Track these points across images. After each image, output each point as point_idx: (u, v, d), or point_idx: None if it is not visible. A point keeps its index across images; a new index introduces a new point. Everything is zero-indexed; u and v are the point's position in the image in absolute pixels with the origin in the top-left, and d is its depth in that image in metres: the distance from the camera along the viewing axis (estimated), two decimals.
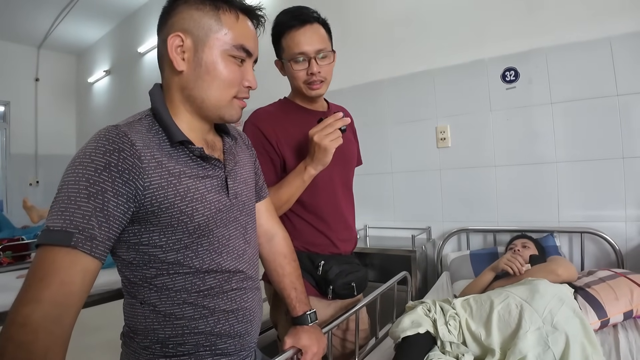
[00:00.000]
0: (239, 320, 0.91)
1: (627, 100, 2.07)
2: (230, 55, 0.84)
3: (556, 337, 1.19)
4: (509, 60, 2.38)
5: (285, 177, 1.29)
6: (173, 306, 0.84)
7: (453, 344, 1.32)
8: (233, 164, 0.95)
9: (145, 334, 0.85)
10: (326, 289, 1.36)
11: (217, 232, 0.87)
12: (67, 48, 6.13)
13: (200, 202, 0.83)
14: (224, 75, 0.84)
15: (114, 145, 0.73)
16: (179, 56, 0.82)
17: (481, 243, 2.51)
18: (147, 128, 0.81)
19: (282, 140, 1.33)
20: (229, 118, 0.90)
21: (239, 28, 0.85)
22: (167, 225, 0.79)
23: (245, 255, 0.95)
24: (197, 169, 0.84)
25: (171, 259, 0.81)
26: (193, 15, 0.82)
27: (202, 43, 0.82)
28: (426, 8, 2.70)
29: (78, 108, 6.52)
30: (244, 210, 0.97)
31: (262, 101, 1.42)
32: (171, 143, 0.82)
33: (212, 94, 0.85)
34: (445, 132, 2.60)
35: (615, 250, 2.05)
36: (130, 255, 0.81)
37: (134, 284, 0.84)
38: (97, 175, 0.70)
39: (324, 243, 1.41)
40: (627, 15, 2.06)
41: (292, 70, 1.32)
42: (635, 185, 2.07)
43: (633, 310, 1.53)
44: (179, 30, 0.82)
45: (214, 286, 0.87)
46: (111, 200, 0.71)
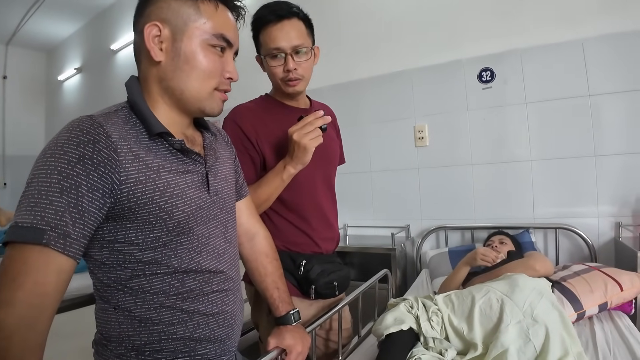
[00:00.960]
0: (219, 324, 0.88)
1: (598, 101, 2.15)
2: (210, 45, 0.81)
3: (536, 330, 1.21)
4: (485, 61, 2.43)
5: (264, 176, 1.27)
6: (149, 310, 0.79)
7: (436, 339, 1.33)
8: (214, 159, 0.91)
9: (120, 341, 0.80)
10: (308, 288, 1.33)
11: (197, 230, 0.83)
12: (36, 45, 5.91)
13: (180, 198, 0.79)
14: (204, 65, 0.81)
15: (88, 137, 0.68)
16: (157, 46, 0.79)
17: (459, 240, 2.55)
18: (123, 120, 0.77)
19: (262, 138, 1.29)
20: (209, 111, 0.86)
21: (219, 17, 0.82)
22: (145, 222, 0.75)
23: (225, 254, 0.91)
24: (176, 164, 0.81)
25: (148, 258, 0.77)
26: (171, 4, 0.79)
27: (181, 32, 0.79)
28: (405, 9, 2.73)
29: (48, 107, 6.31)
30: (225, 208, 0.93)
31: (241, 98, 1.40)
32: (149, 135, 0.78)
33: (191, 84, 0.81)
34: (423, 131, 2.64)
35: (588, 245, 2.12)
36: (103, 254, 0.76)
37: (107, 287, 0.79)
38: (70, 168, 0.66)
39: (305, 242, 1.38)
40: (598, 18, 2.13)
41: (269, 66, 1.29)
42: (606, 183, 2.15)
43: (607, 302, 1.58)
44: (156, 20, 0.78)
45: (193, 288, 0.83)
46: (86, 195, 0.67)
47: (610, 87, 2.12)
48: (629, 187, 2.10)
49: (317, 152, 1.21)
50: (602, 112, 2.15)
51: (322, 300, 1.44)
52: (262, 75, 1.39)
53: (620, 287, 1.60)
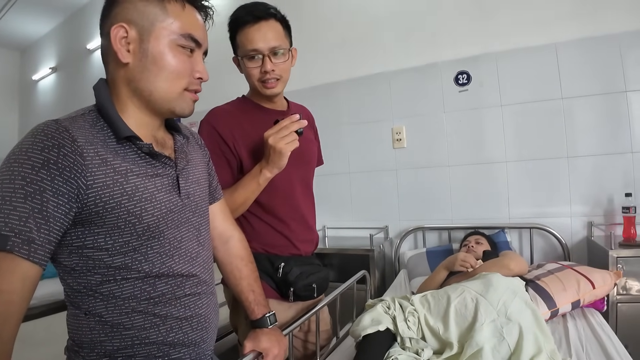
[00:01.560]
0: (193, 327, 0.87)
1: (570, 103, 2.21)
2: (178, 45, 0.80)
3: (510, 328, 1.24)
4: (462, 64, 2.47)
5: (240, 180, 1.25)
6: (121, 315, 0.78)
7: (413, 339, 1.35)
8: (185, 162, 0.90)
9: (92, 347, 0.79)
10: (287, 291, 1.32)
11: (168, 234, 0.82)
12: (10, 43, 5.75)
13: (149, 201, 0.78)
14: (173, 66, 0.80)
15: (53, 141, 0.67)
16: (124, 47, 0.77)
17: (437, 240, 2.58)
18: (90, 124, 0.76)
19: (239, 141, 1.27)
20: (180, 111, 0.84)
21: (186, 17, 0.81)
22: (114, 226, 0.74)
23: (199, 258, 0.90)
24: (145, 167, 0.80)
25: (118, 263, 0.76)
26: (137, 5, 0.78)
27: (148, 33, 0.78)
28: (382, 11, 2.75)
29: (21, 107, 6.14)
30: (197, 212, 0.92)
31: (218, 100, 1.38)
32: (117, 139, 0.76)
33: (160, 85, 0.80)
34: (401, 132, 2.66)
35: (561, 244, 2.18)
36: (72, 260, 0.75)
37: (77, 293, 0.78)
38: (34, 174, 0.65)
39: (283, 244, 1.36)
40: (571, 22, 2.19)
41: (245, 67, 1.28)
42: (579, 183, 2.21)
43: (580, 300, 1.62)
44: (122, 21, 0.77)
45: (165, 292, 0.82)
46: (50, 200, 0.66)
47: (583, 90, 2.18)
48: (601, 187, 2.17)
49: (295, 154, 1.21)
50: (575, 114, 2.20)
51: (301, 302, 1.43)
52: (236, 77, 1.38)
53: (593, 285, 1.64)
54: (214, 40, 0.94)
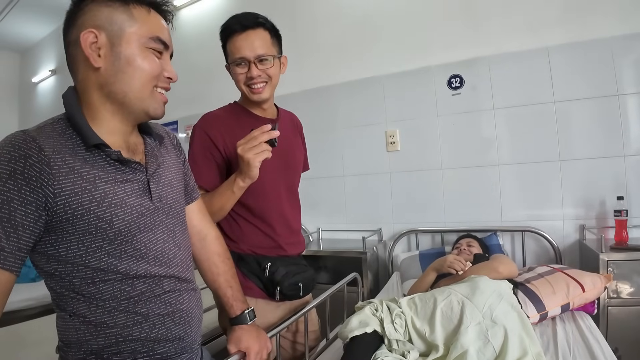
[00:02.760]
0: (175, 322, 0.89)
1: (562, 107, 2.22)
2: (148, 48, 0.83)
3: (495, 331, 1.24)
4: (455, 68, 2.48)
5: (220, 186, 1.26)
6: (103, 315, 0.80)
7: (399, 341, 1.35)
8: (155, 166, 0.92)
9: (78, 346, 0.81)
10: (273, 290, 1.35)
11: (142, 237, 0.84)
12: (9, 45, 5.76)
13: (119, 207, 0.79)
14: (145, 67, 0.82)
15: (19, 152, 0.69)
16: (95, 52, 0.79)
17: (430, 243, 2.59)
18: (59, 132, 0.77)
19: (229, 146, 1.30)
20: (153, 112, 0.86)
21: (152, 21, 0.85)
22: (85, 232, 0.76)
23: (175, 258, 0.91)
24: (115, 173, 0.81)
25: (94, 266, 0.78)
26: (103, 11, 0.80)
27: (118, 38, 0.80)
28: (376, 16, 2.77)
29: (21, 109, 6.16)
30: (171, 213, 0.93)
31: (213, 103, 1.40)
32: (86, 147, 0.78)
33: (134, 85, 0.82)
34: (395, 136, 2.67)
35: (553, 247, 2.18)
36: (51, 266, 0.77)
37: (61, 296, 0.80)
38: (1, 184, 0.67)
39: (270, 245, 1.39)
40: (563, 27, 2.20)
41: (233, 74, 1.32)
42: (571, 186, 2.22)
43: (570, 303, 1.62)
44: (91, 27, 0.79)
45: (144, 291, 0.84)
46: (18, 209, 0.68)
47: (575, 93, 2.19)
48: (593, 190, 2.17)
49: (282, 161, 1.25)
50: (567, 118, 2.21)
51: (289, 303, 1.46)
52: (218, 84, 1.39)
53: (582, 288, 1.64)
54: (208, 47, 0.96)
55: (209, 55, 3.50)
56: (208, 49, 3.52)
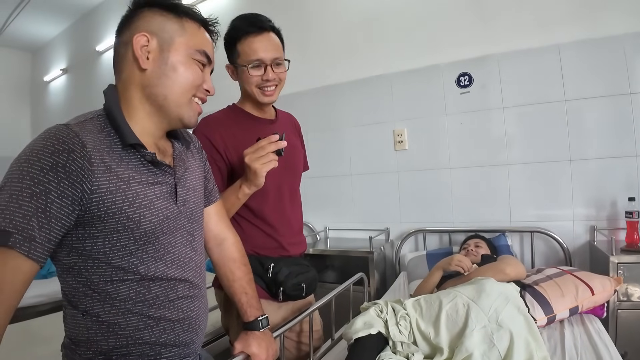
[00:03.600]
0: (184, 329, 0.90)
1: (574, 105, 2.18)
2: (193, 59, 0.88)
3: (501, 335, 1.22)
4: (463, 66, 2.45)
5: (226, 190, 1.27)
6: (117, 316, 0.81)
7: (404, 343, 1.34)
8: (183, 170, 0.94)
9: (88, 345, 0.82)
10: (276, 290, 1.35)
11: (163, 239, 0.86)
12: (22, 45, 5.85)
13: (148, 208, 0.81)
14: (188, 75, 0.87)
15: (63, 146, 0.70)
16: (144, 55, 0.83)
17: (437, 243, 2.57)
18: (98, 128, 0.79)
19: (230, 148, 1.30)
20: (187, 120, 0.90)
21: (201, 36, 0.90)
22: (113, 230, 0.77)
23: (191, 262, 0.93)
24: (147, 175, 0.83)
25: (116, 265, 0.79)
26: (157, 19, 0.86)
27: (168, 45, 0.85)
28: (384, 14, 2.74)
29: (33, 108, 6.25)
30: (192, 217, 0.95)
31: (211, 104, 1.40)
32: (123, 145, 0.80)
33: (175, 90, 0.86)
34: (403, 135, 2.65)
35: (563, 248, 2.15)
36: (72, 259, 0.78)
37: (75, 292, 0.81)
38: (42, 175, 0.68)
39: (273, 246, 1.40)
40: (574, 24, 2.16)
41: (247, 75, 1.30)
42: (581, 186, 2.18)
43: (579, 306, 1.60)
44: (144, 31, 0.84)
45: (159, 295, 0.85)
46: (55, 201, 0.69)
47: (586, 92, 2.15)
48: (604, 191, 2.13)
49: (282, 162, 1.23)
50: (578, 117, 2.17)
51: (292, 303, 1.46)
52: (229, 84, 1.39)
53: (592, 290, 1.62)
54: None
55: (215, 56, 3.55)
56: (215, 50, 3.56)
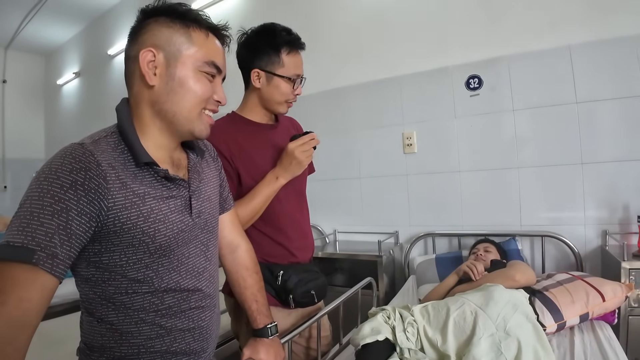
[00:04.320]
0: (195, 338, 0.92)
1: (585, 108, 2.14)
2: (201, 71, 0.86)
3: (508, 343, 1.22)
4: (473, 68, 2.43)
5: (255, 189, 1.31)
6: (130, 325, 0.83)
7: (411, 350, 1.34)
8: (198, 182, 0.95)
9: (102, 351, 0.84)
10: (286, 298, 1.36)
11: (178, 252, 0.87)
12: (35, 49, 5.96)
13: (162, 222, 0.82)
14: (197, 89, 0.85)
15: (80, 164, 0.72)
16: (151, 71, 0.83)
17: (447, 247, 2.55)
18: (112, 147, 0.81)
19: (236, 155, 1.33)
20: (198, 133, 0.89)
21: (209, 45, 0.88)
22: (129, 245, 0.79)
23: (205, 272, 0.94)
24: (161, 190, 0.84)
25: (131, 277, 0.81)
26: (164, 32, 0.84)
27: (175, 59, 0.84)
28: (392, 16, 2.74)
29: (47, 110, 6.34)
30: (206, 228, 0.96)
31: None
32: (136, 163, 0.81)
33: (184, 106, 0.85)
34: (412, 138, 2.64)
35: (574, 253, 2.12)
36: (89, 271, 0.80)
37: (92, 301, 0.83)
38: (62, 193, 0.69)
39: (282, 254, 1.41)
40: (585, 25, 2.13)
41: (284, 85, 1.35)
42: (593, 190, 2.14)
43: (589, 312, 1.58)
44: (150, 46, 0.83)
45: (172, 305, 0.87)
46: (75, 219, 0.70)
47: (598, 94, 2.11)
48: (617, 194, 2.10)
49: None
50: (590, 119, 2.14)
51: (301, 310, 1.48)
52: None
53: (603, 297, 1.59)
54: None
55: None
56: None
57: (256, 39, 1.35)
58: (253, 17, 3.51)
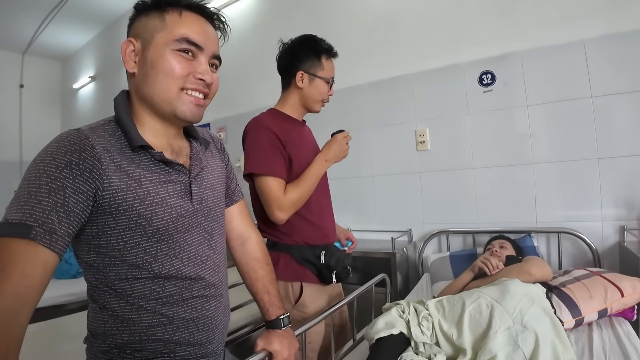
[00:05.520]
0: (199, 328, 0.91)
1: (601, 102, 2.11)
2: (176, 50, 0.84)
3: (526, 337, 1.20)
4: (486, 64, 2.41)
5: (307, 171, 1.51)
6: (131, 312, 0.84)
7: (426, 344, 1.33)
8: (199, 169, 0.95)
9: (104, 338, 0.85)
10: (329, 274, 1.53)
11: (178, 237, 0.87)
12: (52, 54, 6.07)
13: (160, 206, 0.83)
14: (168, 68, 0.83)
15: (75, 146, 0.74)
16: (131, 60, 0.86)
17: (461, 244, 2.53)
18: (110, 133, 0.83)
19: (288, 143, 1.49)
20: (181, 114, 0.86)
21: (183, 23, 0.85)
22: (125, 227, 0.80)
23: (209, 261, 0.94)
24: (159, 174, 0.85)
25: (130, 262, 0.82)
26: (142, 21, 0.87)
27: (148, 43, 0.85)
28: (404, 13, 2.73)
29: (63, 114, 6.45)
30: (210, 216, 0.96)
31: (243, 107, 1.43)
32: (132, 148, 0.83)
33: (158, 87, 0.84)
34: (425, 135, 2.63)
35: (591, 249, 2.08)
36: (90, 257, 0.81)
37: (95, 288, 0.84)
38: (58, 172, 0.71)
39: (319, 236, 1.59)
40: (599, 18, 2.10)
41: (323, 86, 1.58)
42: (610, 185, 2.11)
43: (607, 308, 1.55)
44: (131, 36, 0.87)
45: (173, 293, 0.87)
46: (71, 196, 0.72)
47: (613, 88, 2.08)
48: (634, 190, 2.06)
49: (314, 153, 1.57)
50: (606, 113, 2.11)
51: (330, 289, 1.67)
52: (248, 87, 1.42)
53: (621, 292, 1.56)
54: (239, 50, 0.97)
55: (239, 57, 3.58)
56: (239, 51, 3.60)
57: (300, 47, 1.57)
58: (265, 18, 3.54)
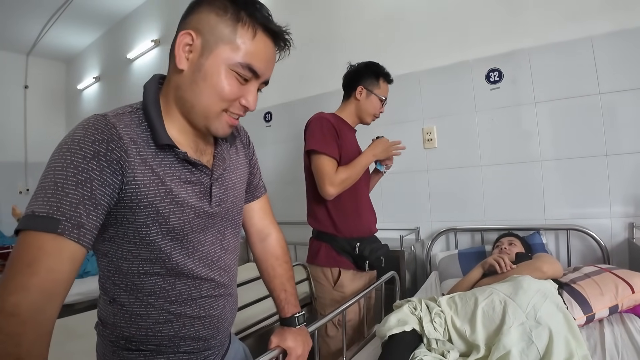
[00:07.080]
0: (205, 326, 0.92)
1: (609, 99, 2.11)
2: (232, 71, 0.79)
3: (539, 332, 1.20)
4: (493, 61, 2.41)
5: (357, 159, 1.77)
6: (140, 308, 0.84)
7: (439, 341, 1.33)
8: (221, 170, 0.92)
9: (112, 329, 0.87)
10: (363, 263, 1.77)
11: (192, 237, 0.86)
12: (56, 55, 6.08)
13: (179, 205, 0.81)
14: (219, 87, 0.78)
15: (102, 135, 0.71)
16: (185, 54, 0.79)
17: (469, 242, 2.53)
18: (136, 123, 0.79)
19: (341, 137, 1.77)
20: (214, 131, 0.84)
21: (253, 47, 0.79)
22: (143, 224, 0.78)
23: (220, 261, 0.93)
24: (181, 172, 0.83)
25: (144, 257, 0.81)
26: (211, 18, 0.78)
27: (209, 49, 0.78)
28: (411, 11, 2.73)
29: (68, 115, 6.46)
30: (226, 217, 0.95)
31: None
32: (157, 144, 0.80)
33: (202, 101, 0.79)
34: (432, 133, 2.63)
35: (601, 246, 2.07)
36: (105, 246, 0.81)
37: (107, 279, 0.84)
38: (85, 163, 0.68)
39: (360, 228, 1.84)
40: (606, 15, 2.10)
41: (376, 102, 1.90)
42: (619, 182, 2.11)
43: (618, 304, 1.55)
44: (191, 29, 0.78)
45: (182, 292, 0.86)
46: (99, 189, 0.70)
47: (622, 84, 2.08)
48: None
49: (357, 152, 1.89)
50: (614, 110, 2.10)
51: (367, 275, 1.91)
52: None
53: (632, 289, 1.56)
54: None
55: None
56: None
57: (365, 68, 1.89)
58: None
